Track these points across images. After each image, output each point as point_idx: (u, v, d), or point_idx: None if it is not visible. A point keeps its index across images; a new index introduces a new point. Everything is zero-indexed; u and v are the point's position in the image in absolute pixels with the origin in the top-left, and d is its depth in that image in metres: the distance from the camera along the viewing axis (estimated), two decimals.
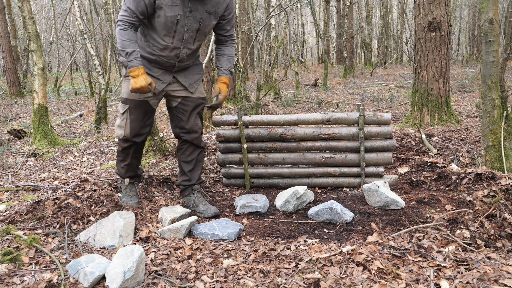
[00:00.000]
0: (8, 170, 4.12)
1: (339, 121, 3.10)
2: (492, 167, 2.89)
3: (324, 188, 3.25)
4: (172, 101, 2.80)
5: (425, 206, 2.69)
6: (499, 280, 1.71)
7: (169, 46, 2.56)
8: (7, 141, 5.53)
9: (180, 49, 2.59)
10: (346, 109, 7.93)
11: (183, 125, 2.79)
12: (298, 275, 1.86)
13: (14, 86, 11.84)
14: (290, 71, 13.87)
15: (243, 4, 12.74)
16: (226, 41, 2.85)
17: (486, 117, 2.92)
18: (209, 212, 2.76)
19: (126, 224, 2.36)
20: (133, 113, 2.65)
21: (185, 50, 2.61)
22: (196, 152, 2.87)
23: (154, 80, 2.64)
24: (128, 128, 2.66)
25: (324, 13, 14.03)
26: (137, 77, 2.42)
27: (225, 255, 2.11)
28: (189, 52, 2.64)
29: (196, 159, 2.88)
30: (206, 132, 5.63)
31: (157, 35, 2.54)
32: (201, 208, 2.79)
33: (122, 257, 1.84)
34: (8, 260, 2.02)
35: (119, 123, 2.69)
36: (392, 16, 24.64)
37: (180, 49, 2.59)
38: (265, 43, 11.47)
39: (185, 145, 2.85)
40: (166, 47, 2.56)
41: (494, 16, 2.81)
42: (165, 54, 2.59)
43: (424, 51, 5.11)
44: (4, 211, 2.78)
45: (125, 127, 2.67)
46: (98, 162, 4.38)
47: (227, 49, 2.85)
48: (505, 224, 2.19)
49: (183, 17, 2.49)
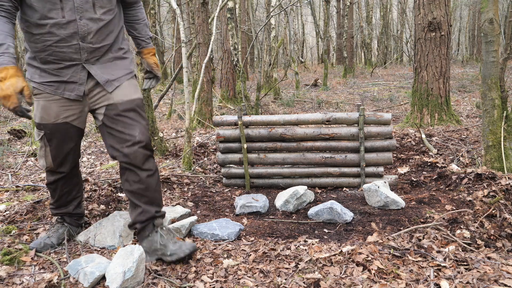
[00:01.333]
0: (8, 170, 4.12)
1: (339, 121, 3.10)
2: (492, 167, 2.89)
3: (324, 188, 3.25)
4: (97, 117, 2.06)
5: (425, 206, 2.69)
6: (499, 280, 1.71)
7: (60, 22, 1.84)
8: (7, 141, 5.53)
9: (76, 22, 1.86)
10: (346, 109, 7.93)
11: (112, 143, 2.01)
12: (298, 275, 1.86)
13: None
14: (290, 71, 13.87)
15: (243, 4, 12.74)
16: (133, 2, 2.19)
17: (486, 117, 2.92)
18: (185, 249, 1.97)
19: (126, 224, 2.36)
20: (52, 140, 2.03)
21: (85, 22, 1.88)
22: (141, 176, 2.01)
23: (67, 86, 1.96)
24: (49, 157, 2.06)
25: (324, 13, 14.03)
26: (3, 80, 1.73)
27: (225, 255, 2.11)
28: (93, 26, 1.91)
29: (146, 186, 2.02)
30: (206, 132, 5.63)
31: (39, 16, 1.84)
32: (171, 247, 1.98)
33: (122, 257, 1.84)
34: (8, 260, 2.02)
35: (39, 152, 2.11)
36: (392, 16, 24.63)
37: (77, 22, 1.87)
38: (265, 43, 11.47)
39: (124, 170, 2.03)
40: (57, 25, 1.85)
41: (494, 16, 2.81)
42: (60, 36, 1.86)
43: (424, 51, 5.11)
44: (4, 211, 2.78)
45: (45, 157, 2.08)
46: (98, 162, 4.38)
47: (139, 13, 2.24)
48: (505, 224, 2.19)
49: None
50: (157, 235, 2.05)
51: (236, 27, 8.39)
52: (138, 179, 2.00)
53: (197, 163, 3.89)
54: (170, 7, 13.49)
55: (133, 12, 2.23)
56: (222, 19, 8.40)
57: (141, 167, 2.00)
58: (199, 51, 6.36)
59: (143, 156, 2.00)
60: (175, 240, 2.04)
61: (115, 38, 2.04)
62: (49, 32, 1.86)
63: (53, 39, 1.87)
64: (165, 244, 2.00)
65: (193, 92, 7.24)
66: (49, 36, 1.86)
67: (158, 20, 14.18)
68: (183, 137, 5.23)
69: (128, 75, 2.09)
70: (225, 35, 8.15)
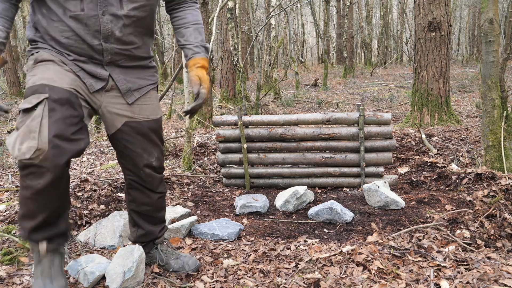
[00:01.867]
0: (8, 170, 4.12)
1: (339, 121, 3.10)
2: (492, 167, 2.89)
3: (324, 188, 3.25)
4: (112, 123, 1.70)
5: (425, 206, 2.69)
6: (499, 280, 1.71)
7: (78, 16, 1.52)
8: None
9: (98, 18, 1.54)
10: (346, 109, 7.93)
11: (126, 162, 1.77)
12: (298, 275, 1.86)
13: (14, 86, 11.84)
14: (290, 71, 13.87)
15: (243, 4, 12.74)
16: (184, 1, 1.84)
17: (486, 117, 2.92)
18: (187, 269, 1.91)
19: (126, 224, 2.36)
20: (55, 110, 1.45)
21: (109, 18, 1.55)
22: (153, 198, 1.85)
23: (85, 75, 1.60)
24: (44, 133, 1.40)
25: (324, 13, 14.03)
26: None
27: (225, 255, 2.11)
28: (118, 23, 1.58)
29: (155, 207, 1.89)
30: (206, 132, 5.63)
31: (57, 6, 1.53)
32: (173, 265, 1.92)
33: (122, 257, 1.84)
34: (8, 260, 2.02)
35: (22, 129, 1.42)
36: (392, 16, 24.63)
37: (99, 18, 1.54)
38: (265, 43, 11.47)
39: (133, 190, 1.84)
40: (75, 19, 1.53)
41: (494, 16, 2.81)
42: (79, 34, 1.55)
43: (424, 51, 5.12)
44: (4, 211, 2.78)
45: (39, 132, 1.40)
46: (98, 162, 4.38)
47: (190, 14, 1.83)
48: (505, 224, 2.19)
49: None
50: (157, 252, 1.95)
51: (236, 27, 8.39)
52: (149, 201, 1.84)
53: (197, 163, 3.89)
54: None
55: (182, 13, 1.83)
56: (222, 19, 8.40)
57: (155, 190, 1.84)
58: None
59: (159, 180, 1.84)
60: (176, 255, 1.95)
61: (144, 42, 1.71)
62: (67, 26, 1.54)
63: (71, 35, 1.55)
64: (166, 261, 1.94)
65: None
66: (67, 30, 1.55)
67: (158, 20, 14.19)
68: (183, 137, 5.23)
69: (151, 86, 1.79)
70: (225, 35, 8.15)
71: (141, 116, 1.73)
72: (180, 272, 1.91)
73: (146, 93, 1.76)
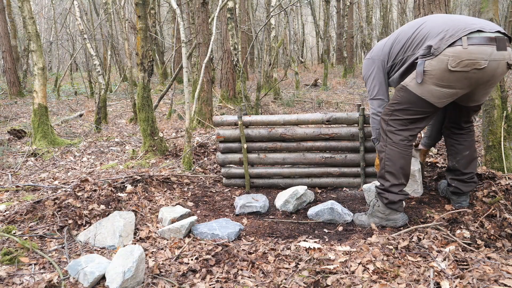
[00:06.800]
0: (8, 170, 4.12)
1: (339, 121, 3.09)
2: (492, 167, 2.89)
3: (324, 188, 3.25)
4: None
5: (425, 206, 2.69)
6: (499, 280, 1.71)
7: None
8: (7, 141, 5.53)
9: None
10: (346, 109, 7.93)
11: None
12: (298, 275, 1.86)
13: (14, 86, 11.84)
14: (290, 71, 13.87)
15: (243, 4, 12.74)
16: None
17: (486, 117, 2.92)
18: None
19: (126, 224, 2.36)
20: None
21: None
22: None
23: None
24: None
25: (324, 13, 14.04)
26: None
27: (225, 255, 2.11)
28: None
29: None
30: (206, 132, 5.63)
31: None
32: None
33: (122, 257, 1.84)
34: (8, 260, 2.02)
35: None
36: (392, 16, 24.62)
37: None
38: (265, 43, 11.46)
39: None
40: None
41: (494, 16, 2.81)
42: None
43: None
44: (4, 211, 2.78)
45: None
46: (98, 162, 4.38)
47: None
48: (505, 224, 2.19)
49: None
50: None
51: (236, 27, 8.39)
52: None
53: (197, 163, 3.89)
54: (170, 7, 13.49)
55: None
56: (222, 19, 8.40)
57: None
58: (199, 51, 6.37)
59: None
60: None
61: None
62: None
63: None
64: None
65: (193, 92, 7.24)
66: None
67: (158, 20, 14.19)
68: (183, 137, 5.23)
69: None
70: (225, 35, 8.15)
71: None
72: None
73: None
